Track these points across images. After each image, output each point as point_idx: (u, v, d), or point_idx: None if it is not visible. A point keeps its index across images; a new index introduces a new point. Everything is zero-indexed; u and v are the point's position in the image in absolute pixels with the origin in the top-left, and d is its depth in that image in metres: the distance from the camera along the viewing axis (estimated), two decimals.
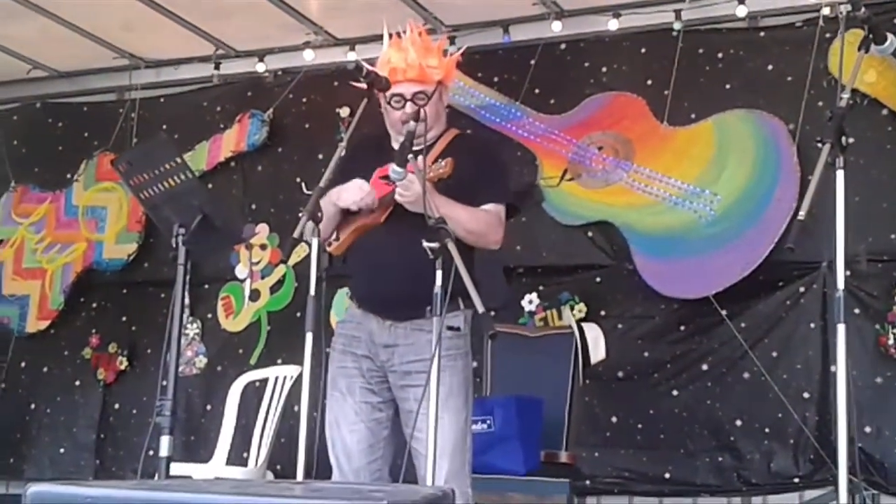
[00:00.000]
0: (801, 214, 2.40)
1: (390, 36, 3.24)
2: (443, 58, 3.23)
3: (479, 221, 3.12)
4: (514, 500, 4.54)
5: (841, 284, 2.49)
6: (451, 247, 2.72)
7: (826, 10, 5.19)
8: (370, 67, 3.16)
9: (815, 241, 4.55)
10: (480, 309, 2.69)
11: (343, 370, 3.17)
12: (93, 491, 1.76)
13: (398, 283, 3.01)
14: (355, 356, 3.16)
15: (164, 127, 6.42)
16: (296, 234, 2.88)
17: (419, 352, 3.02)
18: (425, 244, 2.76)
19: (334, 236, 3.20)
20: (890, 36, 2.68)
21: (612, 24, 5.64)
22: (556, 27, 5.75)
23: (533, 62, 5.80)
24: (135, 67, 6.69)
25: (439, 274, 2.74)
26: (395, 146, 3.07)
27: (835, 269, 2.58)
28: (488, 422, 4.25)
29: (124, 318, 6.65)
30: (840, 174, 2.46)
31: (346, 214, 3.18)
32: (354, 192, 3.09)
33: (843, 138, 2.46)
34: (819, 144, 2.46)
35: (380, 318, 3.14)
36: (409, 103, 3.14)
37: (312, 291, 2.87)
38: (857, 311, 4.98)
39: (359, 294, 3.25)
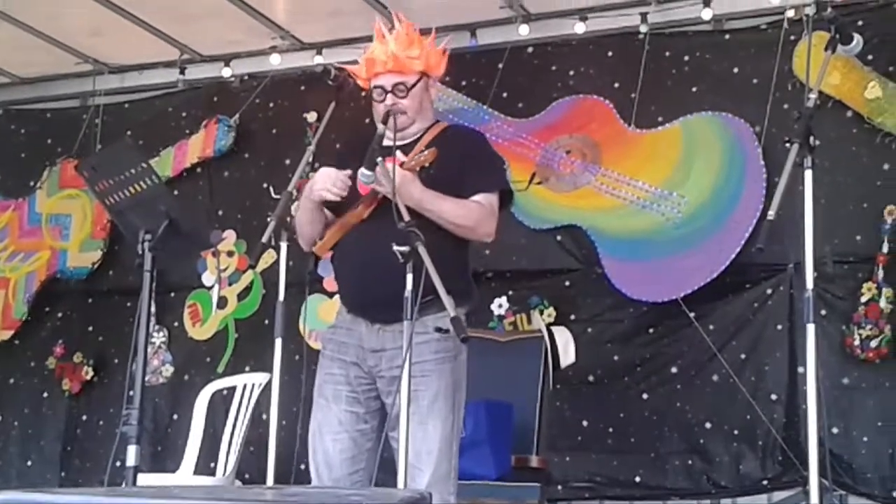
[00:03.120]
0: (771, 214, 2.40)
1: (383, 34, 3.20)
2: (426, 48, 3.17)
3: (469, 214, 3.06)
4: None
5: (810, 284, 2.49)
6: (422, 251, 2.69)
7: (790, 13, 5.24)
8: (338, 71, 3.14)
9: (782, 243, 4.65)
10: (452, 313, 2.66)
11: (330, 377, 3.12)
12: (64, 499, 1.73)
13: (384, 284, 2.92)
14: (343, 363, 3.10)
15: (129, 133, 6.37)
16: (264, 239, 2.85)
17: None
18: (395, 248, 2.73)
19: (319, 236, 3.15)
20: (856, 36, 2.70)
21: (579, 28, 5.66)
22: (523, 31, 5.75)
23: (500, 66, 5.81)
24: (98, 73, 6.63)
25: (409, 278, 2.71)
26: (386, 141, 3.02)
27: (803, 269, 2.58)
28: None
29: (90, 328, 6.58)
30: (808, 174, 2.47)
31: (332, 214, 3.13)
32: (324, 180, 3.03)
33: (811, 138, 2.47)
34: (787, 144, 2.47)
35: (368, 321, 3.08)
36: (389, 95, 3.10)
37: (281, 297, 2.84)
38: (823, 312, 5.00)
39: (347, 298, 3.19)
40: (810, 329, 2.47)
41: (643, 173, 5.44)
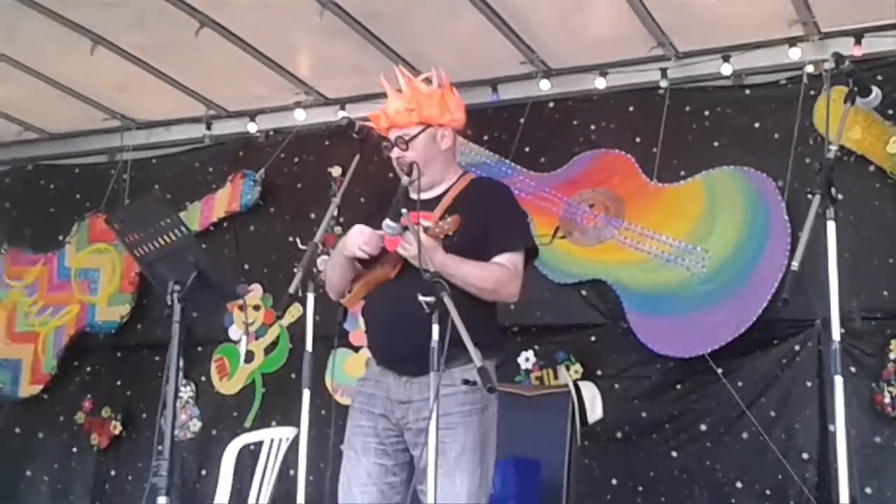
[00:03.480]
0: (795, 265, 2.41)
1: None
2: (423, 100, 3.22)
3: (490, 277, 3.09)
4: None
5: (837, 336, 2.48)
6: (448, 300, 2.71)
7: (810, 68, 5.26)
8: (362, 123, 3.20)
9: (808, 299, 4.64)
10: (478, 363, 2.66)
11: (359, 429, 3.14)
12: None
13: (411, 337, 2.94)
14: (372, 415, 3.13)
15: (156, 187, 6.45)
16: (291, 290, 2.87)
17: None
18: (421, 298, 2.75)
19: (348, 289, 3.20)
20: (874, 89, 2.72)
21: (600, 83, 5.70)
22: (545, 86, 5.81)
23: (522, 120, 5.86)
24: (126, 129, 6.74)
25: (435, 328, 2.73)
26: (412, 195, 3.07)
27: (829, 319, 2.57)
28: None
29: (118, 382, 6.62)
30: (831, 224, 2.47)
31: (362, 266, 3.17)
32: (356, 238, 3.09)
33: (833, 189, 2.48)
34: (809, 195, 2.48)
35: (396, 374, 3.10)
36: (395, 148, 3.18)
37: (309, 347, 2.86)
38: (852, 369, 4.93)
39: (376, 351, 3.22)
40: (838, 381, 2.45)
41: (666, 227, 5.43)
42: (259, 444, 5.05)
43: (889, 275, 5.02)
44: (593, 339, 5.59)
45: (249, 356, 6.24)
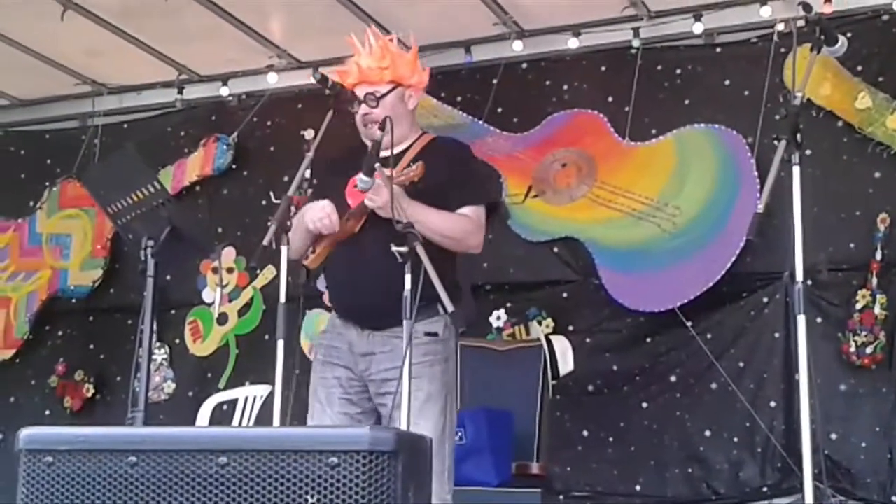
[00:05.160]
0: (760, 208, 2.45)
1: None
2: (396, 59, 3.23)
3: (455, 226, 3.11)
4: None
5: (800, 276, 2.54)
6: (420, 250, 2.75)
7: (780, 26, 5.31)
8: (335, 79, 3.21)
9: (776, 253, 4.71)
10: (450, 308, 2.71)
11: (323, 381, 3.17)
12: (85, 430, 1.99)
13: (376, 292, 3.01)
14: (335, 367, 3.16)
15: (129, 144, 6.41)
16: (265, 242, 2.89)
17: (396, 359, 3.00)
18: (394, 248, 2.79)
19: (311, 249, 3.22)
20: (841, 37, 2.76)
21: (572, 43, 5.73)
22: (517, 47, 5.82)
23: (495, 81, 5.87)
24: (97, 94, 6.69)
25: (408, 278, 2.76)
26: (384, 150, 3.07)
27: (794, 265, 2.62)
28: (459, 434, 4.26)
29: (91, 346, 6.61)
30: (796, 170, 2.52)
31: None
32: (315, 212, 3.11)
33: (798, 135, 2.52)
34: (775, 142, 2.52)
35: (359, 327, 3.14)
36: (362, 104, 3.18)
37: (283, 299, 2.88)
38: (819, 319, 5.04)
39: (339, 304, 3.25)
40: (801, 320, 2.51)
41: (638, 185, 5.49)
42: (233, 403, 5.10)
43: (856, 227, 5.11)
44: (565, 295, 5.65)
45: (223, 318, 6.26)
